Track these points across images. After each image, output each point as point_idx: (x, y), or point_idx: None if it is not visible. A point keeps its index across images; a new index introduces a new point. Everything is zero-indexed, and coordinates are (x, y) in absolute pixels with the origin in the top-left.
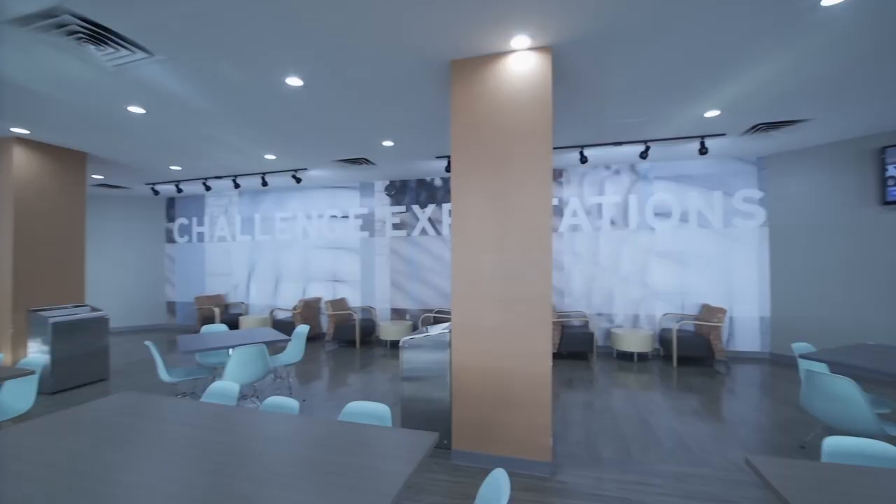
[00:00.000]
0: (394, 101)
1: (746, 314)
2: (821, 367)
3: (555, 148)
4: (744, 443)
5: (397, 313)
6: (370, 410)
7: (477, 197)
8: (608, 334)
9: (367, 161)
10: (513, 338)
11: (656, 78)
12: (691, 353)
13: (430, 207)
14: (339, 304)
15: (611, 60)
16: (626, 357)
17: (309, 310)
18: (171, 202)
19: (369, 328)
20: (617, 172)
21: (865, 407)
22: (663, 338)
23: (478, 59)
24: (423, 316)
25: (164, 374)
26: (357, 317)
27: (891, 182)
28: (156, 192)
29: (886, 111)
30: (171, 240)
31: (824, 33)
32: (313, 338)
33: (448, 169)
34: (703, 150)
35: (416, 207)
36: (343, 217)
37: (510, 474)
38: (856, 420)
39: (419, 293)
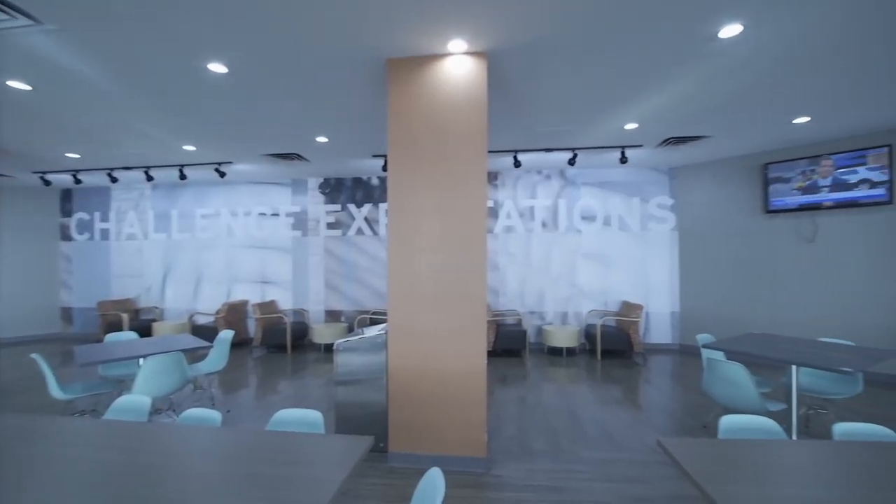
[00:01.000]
0: (327, 96)
1: (660, 309)
2: (719, 355)
3: (490, 151)
4: (657, 426)
5: (332, 315)
6: (301, 418)
7: (413, 197)
8: (540, 331)
9: (299, 157)
10: (449, 338)
11: (584, 91)
12: (613, 346)
13: (367, 207)
14: (268, 306)
15: (543, 71)
16: (555, 352)
17: (234, 313)
18: (66, 194)
19: (302, 331)
20: (548, 177)
21: (752, 388)
22: (589, 333)
23: (415, 60)
24: (358, 317)
25: (56, 391)
26: (288, 320)
27: (772, 193)
28: (47, 183)
29: (769, 132)
30: (66, 237)
31: (721, 62)
32: (239, 344)
33: (385, 168)
34: (623, 160)
35: (352, 206)
36: (273, 215)
37: (447, 472)
38: (745, 400)
39: (355, 294)
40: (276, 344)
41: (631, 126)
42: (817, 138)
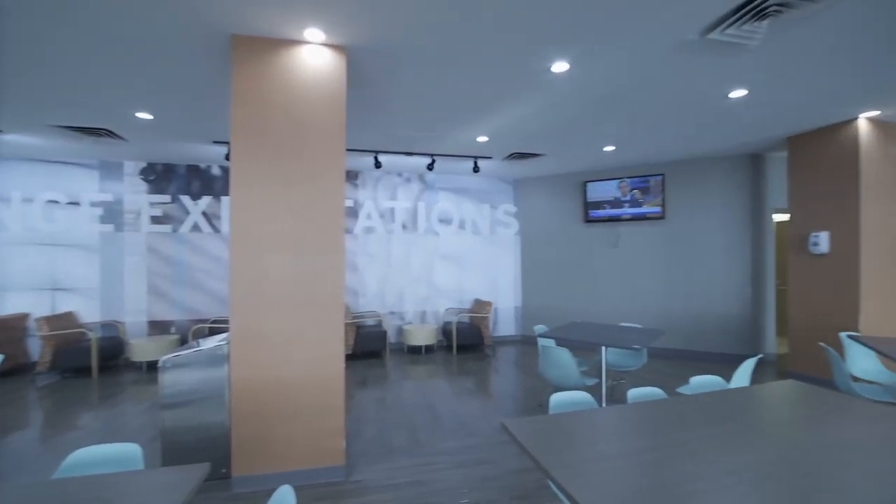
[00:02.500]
0: (152, 63)
1: (506, 305)
2: (550, 343)
3: (351, 149)
4: (504, 410)
5: (158, 327)
6: (111, 455)
7: (262, 191)
8: (400, 331)
9: (111, 133)
10: (304, 343)
11: (442, 100)
12: (467, 341)
13: (206, 200)
14: (61, 320)
15: (404, 74)
16: (415, 351)
17: (4, 332)
18: None
19: (114, 349)
20: (408, 180)
21: (574, 368)
22: (446, 330)
23: (266, 42)
24: (194, 328)
25: None
26: (94, 336)
27: (590, 206)
28: None
29: (588, 155)
30: None
31: (555, 92)
32: (12, 371)
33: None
34: (476, 169)
35: (185, 198)
36: (71, 204)
37: (302, 487)
38: (569, 379)
39: (190, 301)
40: (74, 367)
41: (482, 139)
42: (620, 164)
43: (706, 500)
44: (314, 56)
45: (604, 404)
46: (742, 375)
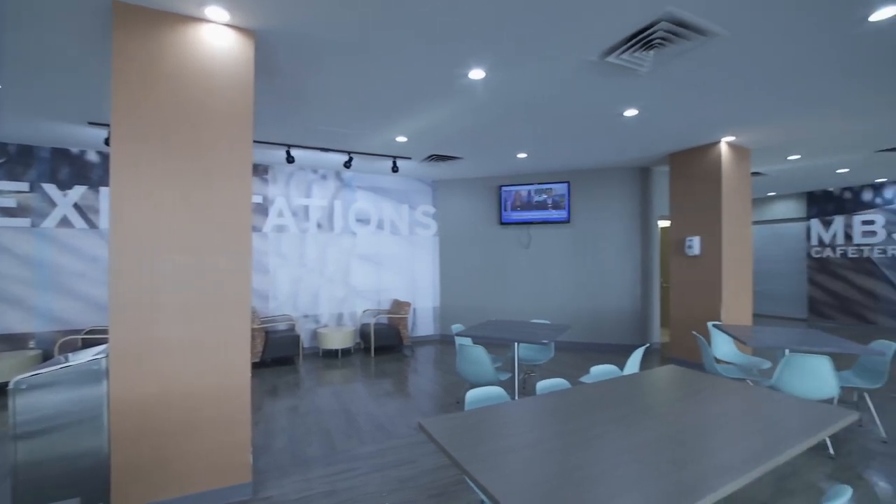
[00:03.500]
0: (2, 20)
1: (425, 305)
2: (467, 341)
3: (260, 142)
4: (422, 409)
5: (9, 342)
6: None
7: (151, 182)
8: (315, 335)
9: None
10: (203, 353)
11: (359, 97)
12: (386, 342)
13: (80, 190)
14: None
15: (320, 68)
16: (331, 355)
17: None
18: None
19: None
20: (324, 177)
21: (489, 365)
22: (363, 332)
23: (157, 15)
24: (61, 340)
25: None
26: None
27: (504, 208)
28: None
29: (503, 161)
30: None
31: (472, 98)
32: None
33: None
34: (394, 169)
35: (50, 187)
36: None
37: None
38: (485, 375)
39: (57, 309)
40: None
41: (401, 139)
42: (532, 170)
43: (604, 479)
44: (217, 37)
45: (516, 397)
46: (633, 363)
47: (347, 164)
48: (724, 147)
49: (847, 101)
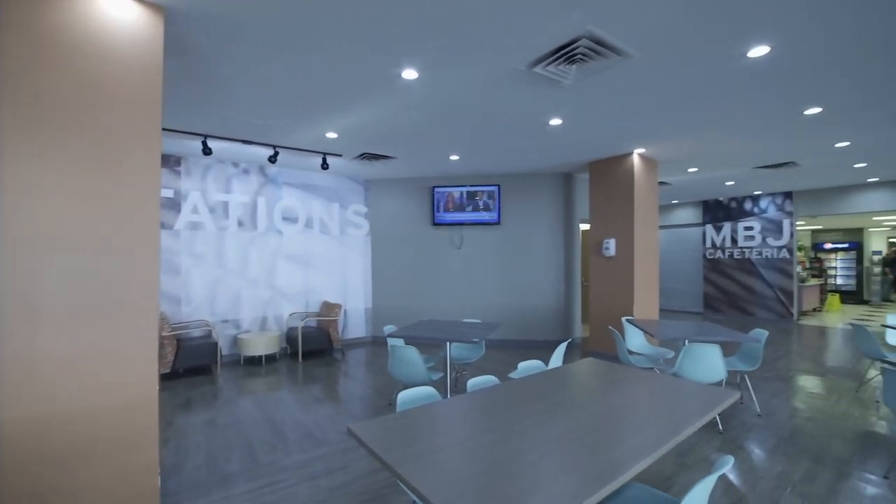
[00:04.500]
0: None
1: (357, 307)
2: (399, 342)
3: (172, 130)
4: (354, 414)
5: None
6: None
7: (41, 173)
8: (235, 341)
9: None
10: (101, 366)
11: (285, 89)
12: (315, 346)
13: None
14: None
15: (242, 53)
16: (254, 362)
17: None
18: None
19: None
20: (246, 171)
21: (421, 365)
22: (290, 336)
23: None
24: None
25: None
26: None
27: (437, 209)
28: None
29: (436, 162)
30: None
31: (406, 97)
32: None
33: None
34: (324, 166)
35: None
36: None
37: None
38: (417, 375)
39: None
40: None
41: (332, 135)
42: (465, 172)
43: (531, 469)
44: (119, 10)
45: (448, 396)
46: (557, 357)
47: (273, 159)
48: (636, 158)
49: (732, 124)
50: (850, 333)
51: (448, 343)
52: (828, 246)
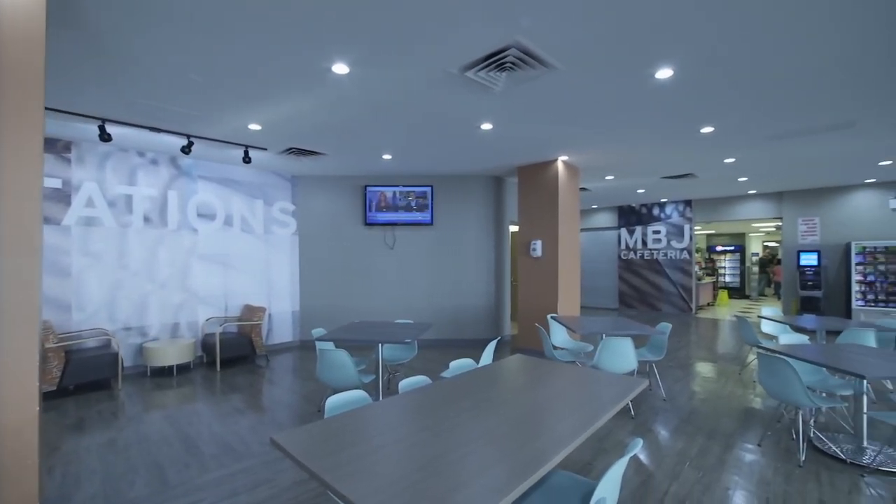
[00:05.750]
0: None
1: (282, 310)
2: (329, 345)
3: (60, 111)
4: (279, 423)
5: None
6: None
7: None
8: (141, 351)
9: None
10: None
11: (203, 73)
12: (235, 353)
13: None
14: None
15: (148, 31)
16: (164, 373)
17: None
18: None
19: None
20: (154, 162)
21: (352, 368)
22: (207, 343)
23: None
24: None
25: None
26: None
27: (370, 209)
28: None
29: (368, 161)
30: None
31: (334, 92)
32: None
33: None
34: (247, 159)
35: None
36: None
37: None
38: (347, 379)
39: None
40: None
41: (255, 126)
42: (398, 172)
43: (463, 464)
44: None
45: (380, 398)
46: (487, 355)
47: (186, 150)
48: (560, 165)
49: (642, 137)
50: (735, 324)
51: (380, 345)
52: (719, 248)
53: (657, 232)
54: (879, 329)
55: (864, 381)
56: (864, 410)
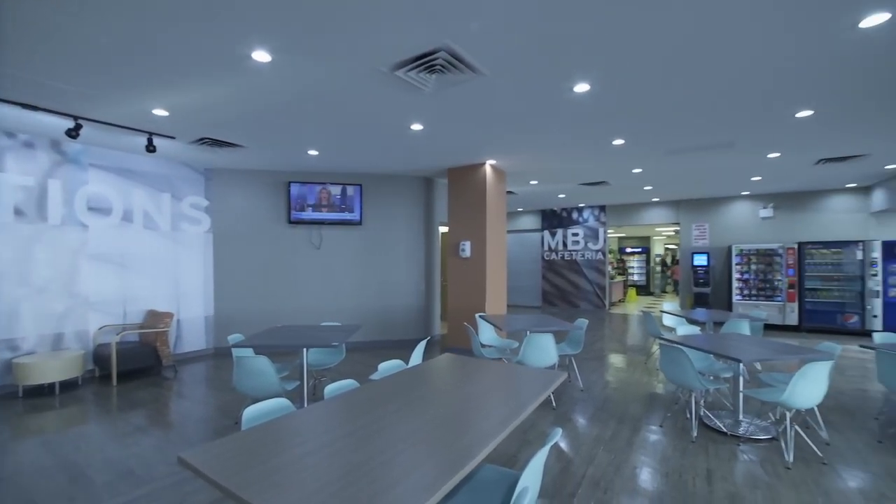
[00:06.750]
0: None
1: (193, 315)
2: (248, 352)
3: None
4: (190, 440)
5: None
6: None
7: None
8: (10, 367)
9: None
10: None
11: (90, 48)
12: (136, 365)
13: None
14: None
15: None
16: (42, 392)
17: None
18: None
19: None
20: (29, 145)
21: (273, 375)
22: (100, 355)
23: None
24: None
25: None
26: None
27: (294, 206)
28: None
29: (291, 155)
30: None
31: (255, 81)
32: None
33: None
34: (151, 148)
35: None
36: None
37: None
38: (268, 387)
39: None
40: None
41: (161, 112)
42: (325, 169)
43: (391, 465)
44: None
45: (305, 405)
46: (417, 355)
47: (73, 133)
48: (488, 168)
49: (562, 146)
50: (642, 319)
51: (304, 349)
52: (628, 250)
53: (576, 234)
54: (752, 319)
55: (741, 364)
56: (741, 389)
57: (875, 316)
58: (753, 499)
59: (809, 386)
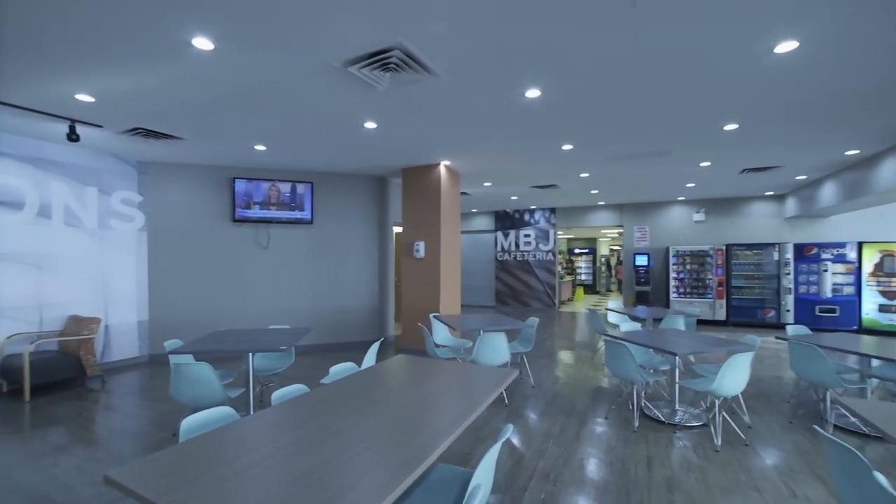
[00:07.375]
0: None
1: (124, 320)
2: (187, 359)
3: None
4: (120, 457)
5: None
6: None
7: None
8: None
9: None
10: None
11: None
12: (55, 377)
13: None
14: None
15: None
16: None
17: None
18: None
19: None
20: None
21: (215, 383)
22: (9, 367)
23: None
24: None
25: None
26: None
27: (240, 204)
28: None
29: (237, 150)
30: None
31: (196, 69)
32: None
33: None
34: (73, 137)
35: None
36: None
37: None
38: (210, 396)
39: None
40: None
41: (85, 98)
42: (274, 165)
43: (345, 469)
44: None
45: (251, 412)
46: (370, 357)
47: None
48: (443, 169)
49: (513, 149)
50: (588, 316)
51: (250, 354)
52: (577, 251)
53: (528, 235)
54: (686, 315)
55: (676, 357)
56: (677, 381)
57: (788, 310)
58: (688, 481)
59: (735, 375)
